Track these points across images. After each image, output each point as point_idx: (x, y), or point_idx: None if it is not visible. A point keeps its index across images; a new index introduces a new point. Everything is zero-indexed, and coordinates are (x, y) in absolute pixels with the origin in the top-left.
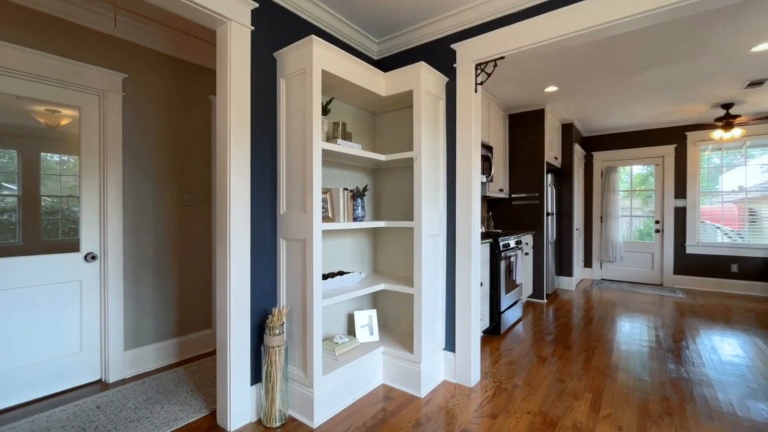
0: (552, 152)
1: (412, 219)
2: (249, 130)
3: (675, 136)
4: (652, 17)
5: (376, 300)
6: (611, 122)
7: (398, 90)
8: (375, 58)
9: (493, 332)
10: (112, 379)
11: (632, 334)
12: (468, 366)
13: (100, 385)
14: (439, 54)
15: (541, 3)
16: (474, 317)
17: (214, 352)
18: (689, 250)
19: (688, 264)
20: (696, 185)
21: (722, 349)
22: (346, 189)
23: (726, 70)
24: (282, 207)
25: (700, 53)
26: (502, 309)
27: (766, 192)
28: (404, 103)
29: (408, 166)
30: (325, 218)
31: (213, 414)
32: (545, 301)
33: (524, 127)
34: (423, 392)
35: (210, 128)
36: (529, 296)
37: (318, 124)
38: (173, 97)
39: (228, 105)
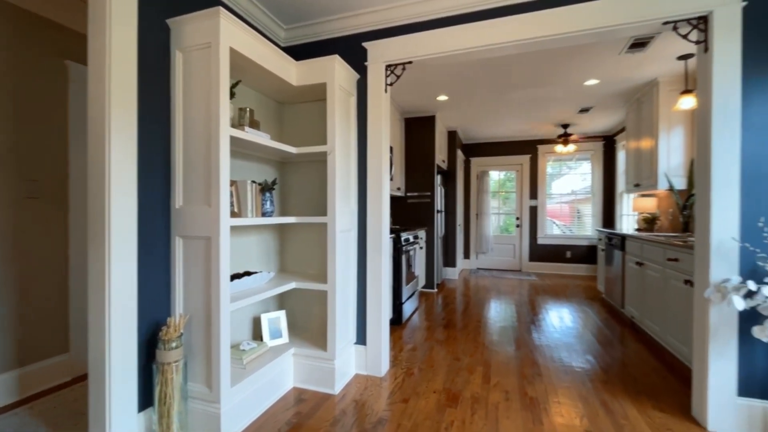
0: (441, 156)
1: (322, 214)
2: (135, 108)
3: (530, 147)
4: (516, 47)
5: (283, 300)
6: (486, 132)
7: (310, 81)
8: (281, 44)
9: (395, 322)
10: None
11: (504, 312)
12: (379, 357)
13: None
14: (350, 50)
15: (449, 17)
16: (384, 310)
17: (74, 381)
18: (539, 241)
19: (538, 252)
20: (544, 189)
21: (564, 318)
22: (254, 182)
23: (568, 98)
24: (178, 200)
25: (552, 82)
26: (403, 300)
27: (587, 195)
28: (314, 95)
29: (318, 160)
30: (231, 213)
31: None
32: (436, 290)
33: (418, 131)
34: (337, 389)
35: (65, 101)
36: (423, 287)
37: (226, 108)
38: (9, 57)
39: (107, 76)
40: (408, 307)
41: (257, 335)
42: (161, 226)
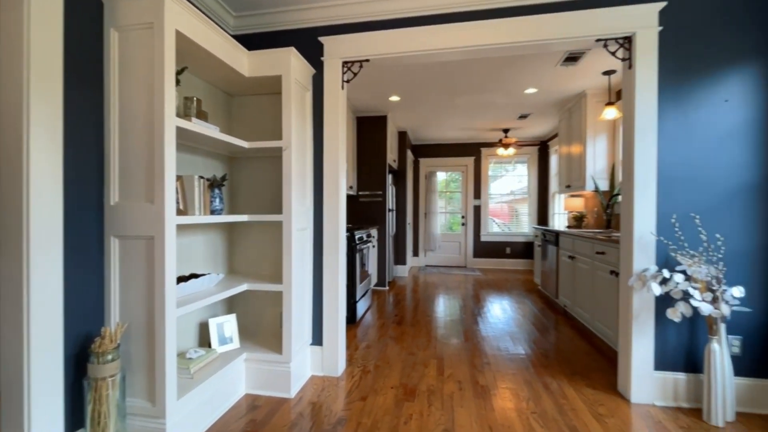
0: (392, 155)
1: (277, 212)
2: (60, 92)
3: (474, 150)
4: (465, 53)
5: (233, 303)
6: (435, 134)
7: (264, 72)
8: (230, 32)
9: (349, 321)
10: None
11: (453, 307)
12: (335, 357)
13: None
14: (306, 44)
15: (407, 18)
16: (341, 309)
17: None
18: (482, 239)
19: (482, 249)
20: (486, 189)
21: (507, 310)
22: (201, 177)
23: (509, 104)
24: (113, 196)
25: (496, 89)
26: (357, 299)
27: (524, 195)
28: (267, 87)
29: (270, 156)
30: (177, 211)
31: None
32: (387, 288)
33: (370, 130)
34: (293, 392)
35: None
36: (375, 285)
37: (171, 96)
38: None
39: (25, 55)
40: (361, 306)
41: (204, 341)
42: (93, 225)
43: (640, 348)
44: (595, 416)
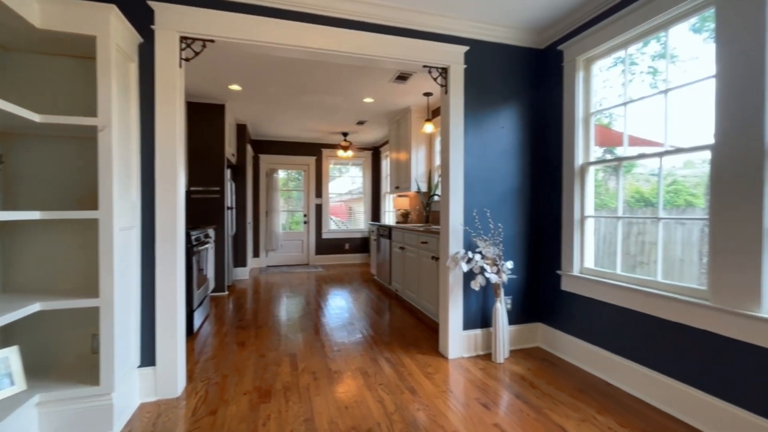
0: (230, 149)
1: (89, 208)
2: None
3: (315, 150)
4: (314, 54)
5: (11, 333)
6: (277, 131)
7: (69, 28)
8: None
9: (186, 333)
10: None
11: (299, 304)
12: (173, 376)
13: None
14: (129, 4)
15: (254, 5)
16: (180, 320)
17: None
18: (324, 236)
19: (323, 246)
20: (327, 188)
21: (349, 300)
22: None
23: (351, 110)
24: None
25: (339, 93)
26: (195, 307)
27: (360, 195)
28: (72, 48)
29: (78, 137)
30: None
31: None
32: (227, 292)
33: (205, 118)
34: (117, 429)
35: None
36: (212, 291)
37: None
38: None
39: None
40: (199, 315)
41: None
42: None
43: (454, 315)
44: (425, 375)
